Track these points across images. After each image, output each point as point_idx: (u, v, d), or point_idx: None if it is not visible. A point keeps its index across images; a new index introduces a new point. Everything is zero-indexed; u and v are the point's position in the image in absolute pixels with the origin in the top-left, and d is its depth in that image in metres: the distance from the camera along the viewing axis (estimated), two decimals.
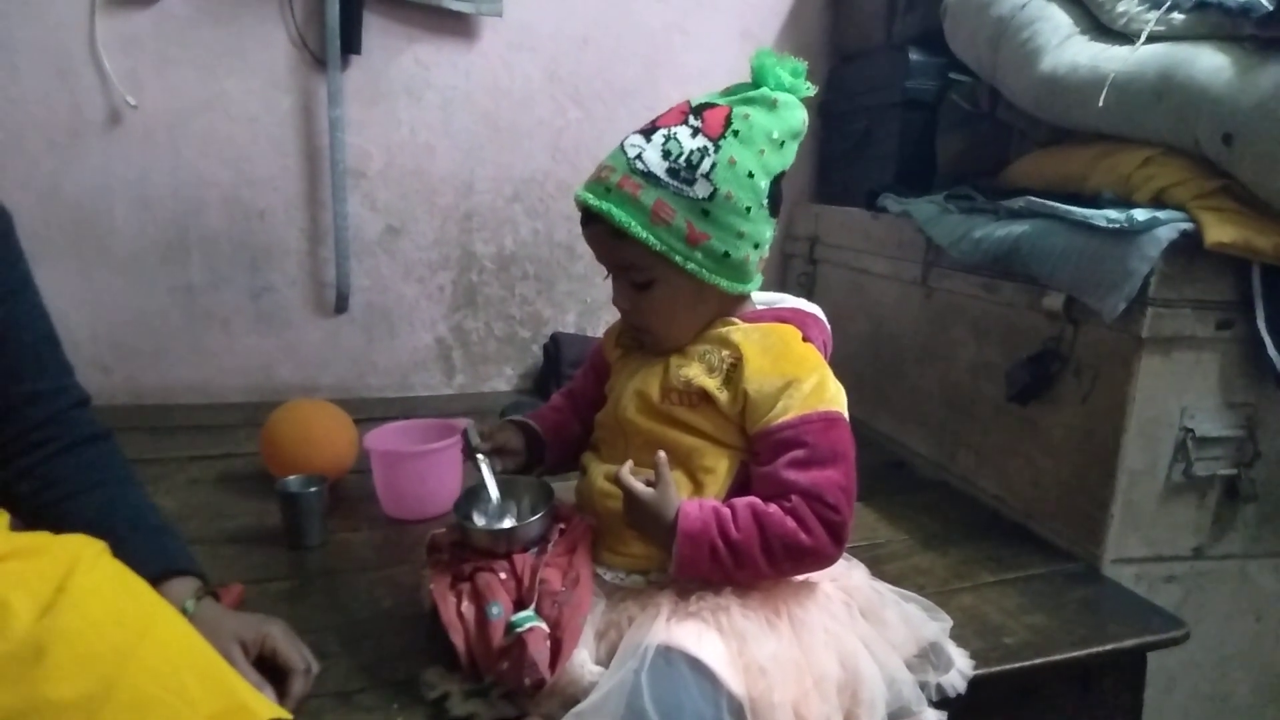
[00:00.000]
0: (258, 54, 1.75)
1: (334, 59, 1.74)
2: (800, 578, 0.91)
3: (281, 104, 1.79)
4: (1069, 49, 1.37)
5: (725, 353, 0.89)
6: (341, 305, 1.90)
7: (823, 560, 0.86)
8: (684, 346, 0.93)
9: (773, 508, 0.84)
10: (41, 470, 0.87)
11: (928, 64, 1.77)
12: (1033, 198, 1.33)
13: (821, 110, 2.17)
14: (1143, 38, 1.26)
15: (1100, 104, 1.26)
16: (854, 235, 1.88)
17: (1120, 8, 1.33)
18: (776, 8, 2.12)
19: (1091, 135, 1.38)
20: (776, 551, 0.83)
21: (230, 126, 1.77)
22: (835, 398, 0.88)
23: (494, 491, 0.98)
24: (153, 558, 0.84)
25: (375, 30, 1.81)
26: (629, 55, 2.02)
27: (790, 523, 0.83)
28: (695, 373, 0.89)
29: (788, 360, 0.88)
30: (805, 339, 0.92)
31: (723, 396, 0.88)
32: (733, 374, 0.88)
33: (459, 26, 1.87)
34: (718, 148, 0.86)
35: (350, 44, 1.77)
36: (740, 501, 0.86)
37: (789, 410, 0.86)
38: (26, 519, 0.84)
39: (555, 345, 2.00)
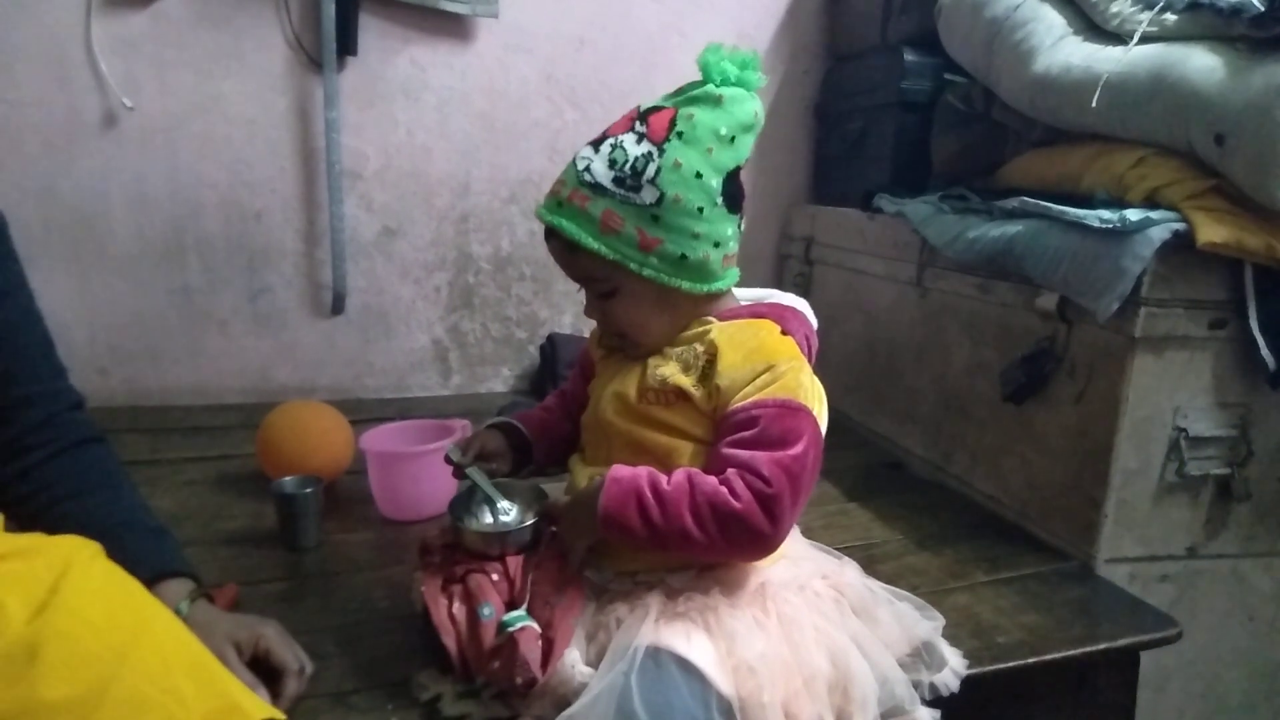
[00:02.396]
0: (254, 56, 1.76)
1: (330, 61, 1.74)
2: (759, 573, 0.91)
3: (278, 106, 1.79)
4: (1062, 50, 1.38)
5: (700, 349, 0.89)
6: (338, 307, 1.91)
7: (755, 535, 0.81)
8: (662, 348, 0.93)
9: (708, 476, 0.83)
10: (36, 473, 0.88)
11: (923, 65, 1.78)
12: (1026, 198, 1.34)
13: (817, 111, 2.18)
14: (1135, 38, 1.26)
15: (1094, 104, 1.27)
16: (849, 236, 1.88)
17: (1113, 9, 1.33)
18: (772, 9, 2.12)
19: (1085, 136, 1.38)
20: (705, 513, 0.81)
21: (227, 128, 1.77)
22: (802, 389, 0.86)
23: (496, 497, 0.99)
24: (147, 559, 0.84)
25: (371, 32, 1.81)
26: (625, 56, 2.02)
27: (722, 489, 0.81)
28: (671, 371, 0.89)
29: (760, 353, 0.87)
30: (785, 332, 0.91)
31: (698, 393, 0.88)
32: (708, 370, 0.88)
33: (455, 28, 1.87)
34: (662, 152, 0.86)
35: (346, 45, 1.77)
36: (677, 470, 0.86)
37: (749, 396, 0.85)
38: (21, 521, 0.84)
39: (551, 346, 2.00)
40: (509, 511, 0.99)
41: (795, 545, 1.02)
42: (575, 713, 0.77)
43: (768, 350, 0.88)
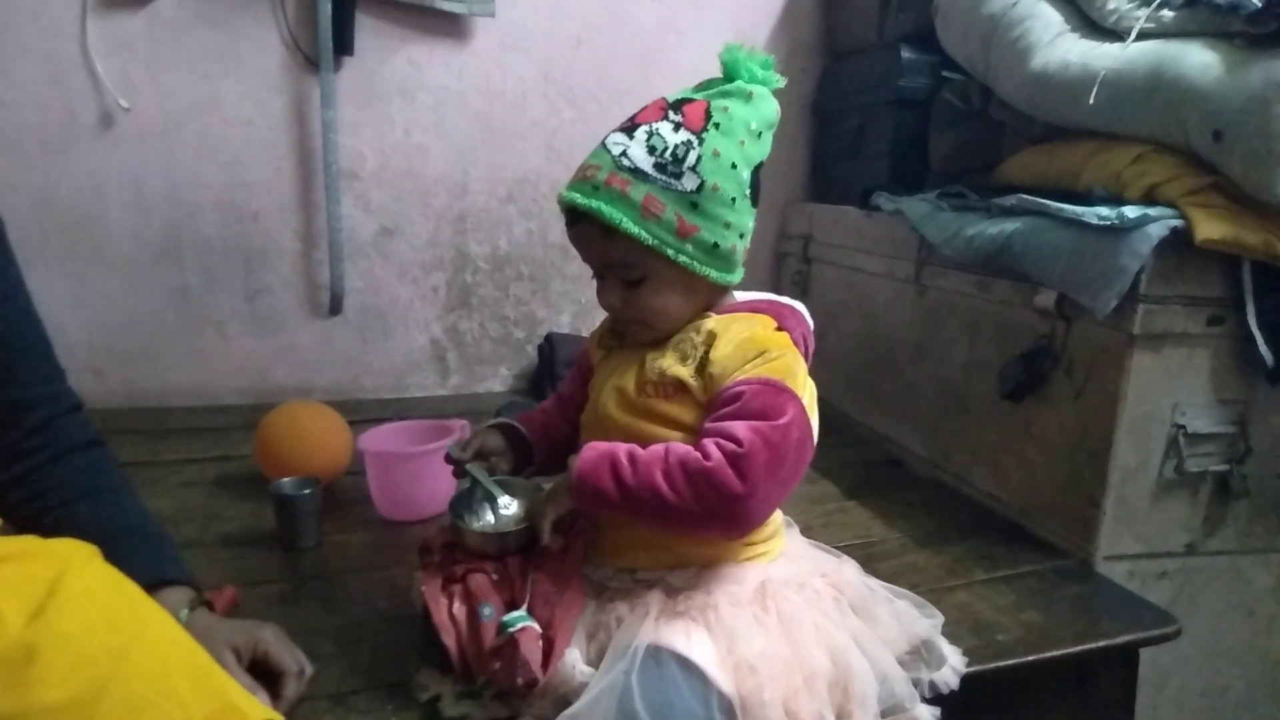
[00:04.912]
0: (250, 56, 1.75)
1: (326, 60, 1.74)
2: (759, 571, 0.91)
3: (274, 106, 1.79)
4: (1060, 46, 1.38)
5: (698, 339, 0.89)
6: (336, 307, 1.90)
7: (726, 495, 0.79)
8: (665, 339, 0.93)
9: (686, 445, 0.84)
10: (34, 478, 0.87)
11: (920, 62, 1.78)
12: (1024, 195, 1.34)
13: (815, 109, 2.18)
14: (1133, 35, 1.26)
15: (1091, 101, 1.27)
16: (848, 234, 1.88)
17: (1111, 5, 1.33)
18: (769, 7, 2.12)
19: (1083, 133, 1.38)
20: (676, 473, 0.81)
21: (223, 129, 1.77)
22: (791, 375, 0.86)
23: (496, 493, 0.99)
24: (145, 567, 0.83)
25: (368, 31, 1.81)
26: (623, 55, 2.02)
27: (694, 451, 0.82)
28: (669, 363, 0.89)
29: (753, 342, 0.87)
30: (781, 328, 0.91)
31: (695, 384, 0.88)
32: (705, 360, 0.88)
33: (451, 27, 1.87)
34: (701, 140, 0.86)
35: (343, 45, 1.77)
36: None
37: (737, 377, 0.85)
38: (19, 526, 0.84)
39: (550, 345, 2.00)
40: (509, 506, 0.99)
41: (794, 544, 1.02)
42: (576, 712, 0.77)
43: (760, 340, 0.88)
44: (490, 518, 0.99)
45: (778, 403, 0.83)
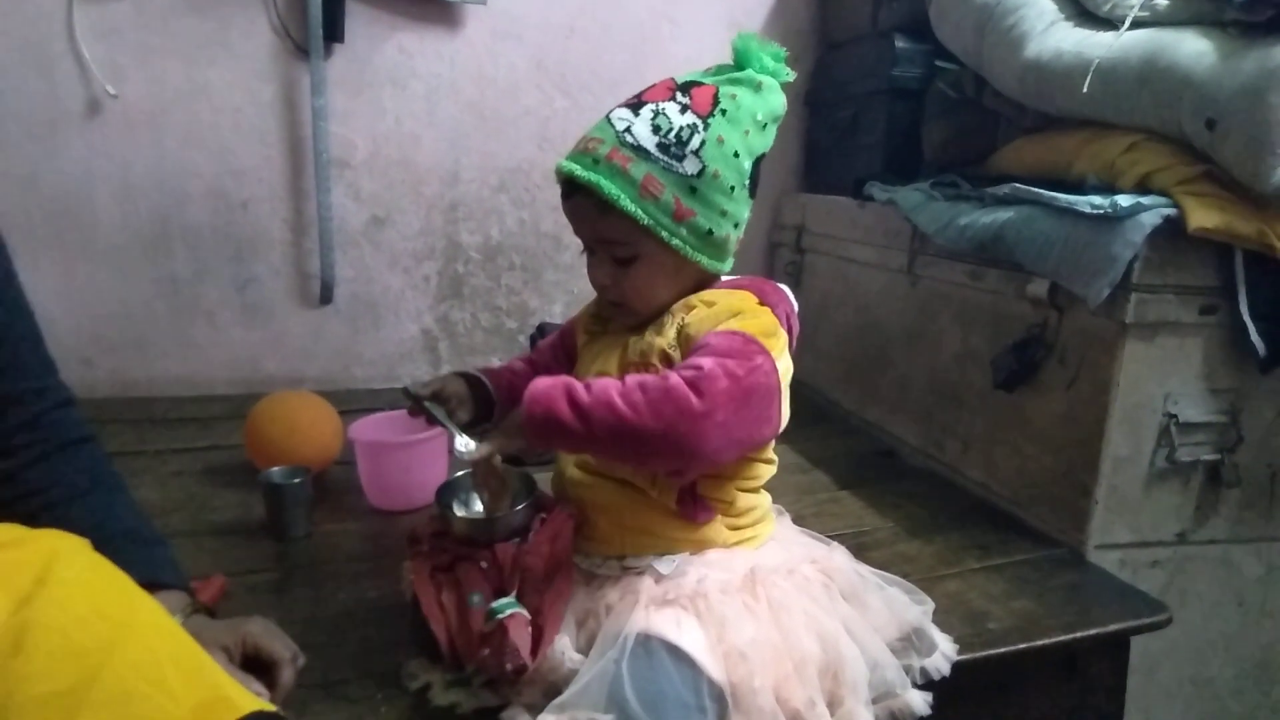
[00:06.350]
0: (240, 43, 1.74)
1: (317, 48, 1.73)
2: (749, 558, 0.90)
3: (264, 93, 1.78)
4: (1053, 35, 1.37)
5: (677, 312, 0.89)
6: (326, 296, 1.89)
7: (684, 411, 0.77)
8: (646, 323, 0.92)
9: None
10: (24, 475, 0.86)
11: (914, 51, 1.77)
12: (1017, 184, 1.33)
13: (808, 99, 2.17)
14: (1127, 23, 1.26)
15: (1085, 90, 1.26)
16: (841, 224, 1.88)
17: None
18: None
19: (1077, 121, 1.38)
20: (633, 391, 0.79)
21: (212, 116, 1.75)
22: (765, 335, 0.85)
23: (455, 432, 0.95)
24: (140, 569, 0.82)
25: (358, 18, 1.79)
26: (616, 44, 2.01)
27: (652, 375, 0.81)
28: (650, 339, 0.89)
29: (729, 309, 0.87)
30: (763, 304, 0.90)
31: (675, 352, 0.87)
32: (682, 325, 0.88)
33: (443, 14, 1.86)
34: (707, 125, 0.86)
35: (333, 32, 1.75)
36: None
37: (709, 331, 0.85)
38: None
39: (542, 335, 1.98)
40: (468, 447, 0.93)
41: (784, 530, 1.02)
42: (566, 701, 0.77)
43: (738, 305, 0.88)
44: (478, 507, 0.99)
45: (746, 350, 0.82)
